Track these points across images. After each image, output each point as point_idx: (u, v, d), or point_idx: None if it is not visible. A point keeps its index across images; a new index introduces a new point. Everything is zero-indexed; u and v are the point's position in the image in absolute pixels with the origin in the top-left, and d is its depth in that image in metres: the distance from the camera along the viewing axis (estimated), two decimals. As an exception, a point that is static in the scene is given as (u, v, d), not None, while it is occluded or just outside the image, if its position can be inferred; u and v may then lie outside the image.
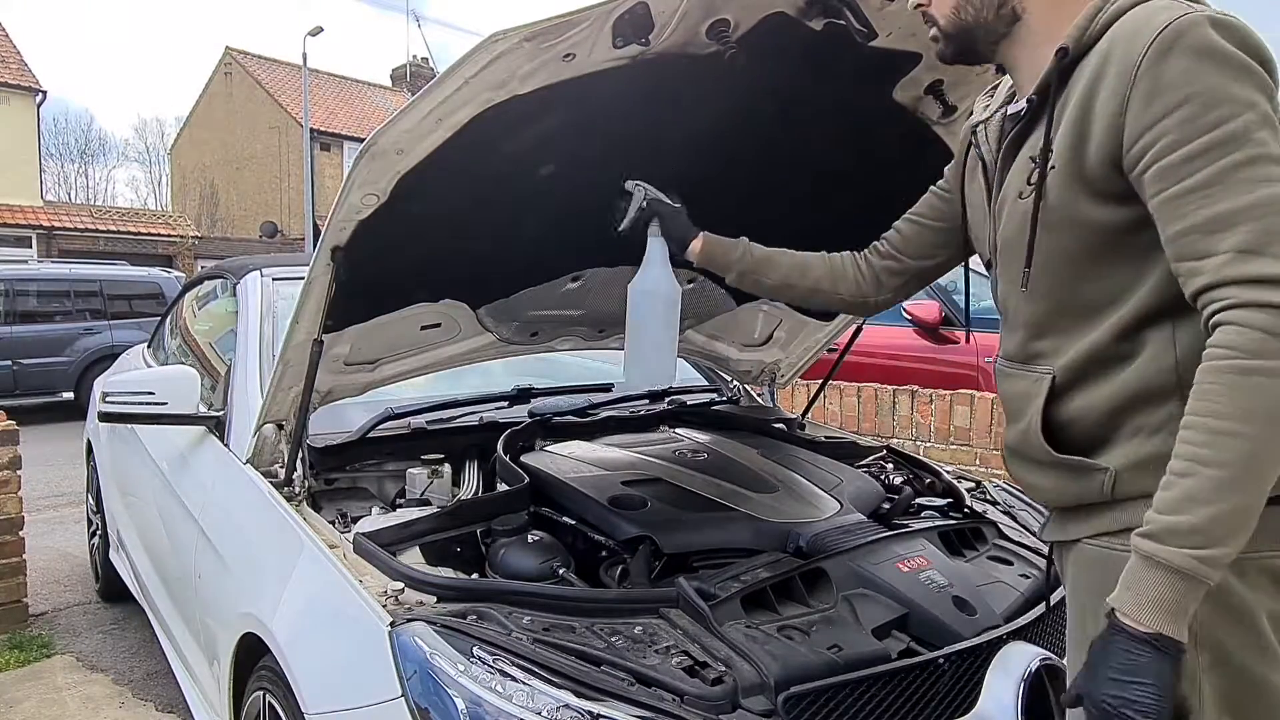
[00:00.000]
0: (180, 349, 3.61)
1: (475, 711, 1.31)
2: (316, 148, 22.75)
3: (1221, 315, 0.95)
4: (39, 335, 9.86)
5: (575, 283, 2.29)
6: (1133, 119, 1.01)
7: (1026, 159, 1.16)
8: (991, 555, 2.00)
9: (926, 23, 1.29)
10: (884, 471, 2.53)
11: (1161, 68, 0.99)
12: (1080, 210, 1.09)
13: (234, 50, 28.26)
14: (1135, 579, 0.98)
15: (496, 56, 1.41)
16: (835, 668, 1.46)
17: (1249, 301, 0.93)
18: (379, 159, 1.56)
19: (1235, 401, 0.93)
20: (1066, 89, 1.10)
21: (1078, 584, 1.21)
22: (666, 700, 1.35)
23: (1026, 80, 1.20)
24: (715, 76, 1.61)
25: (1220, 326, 0.95)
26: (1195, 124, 0.97)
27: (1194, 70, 0.98)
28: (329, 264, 1.74)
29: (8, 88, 19.29)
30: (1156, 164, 1.00)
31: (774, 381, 3.11)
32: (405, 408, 2.39)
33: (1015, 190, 1.17)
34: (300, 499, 1.98)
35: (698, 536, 1.90)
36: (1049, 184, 1.11)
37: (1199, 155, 0.97)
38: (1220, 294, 0.95)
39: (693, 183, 2.05)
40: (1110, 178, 1.06)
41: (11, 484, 3.57)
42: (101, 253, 18.33)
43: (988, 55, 1.25)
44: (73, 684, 3.15)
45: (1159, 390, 1.07)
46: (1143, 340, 1.08)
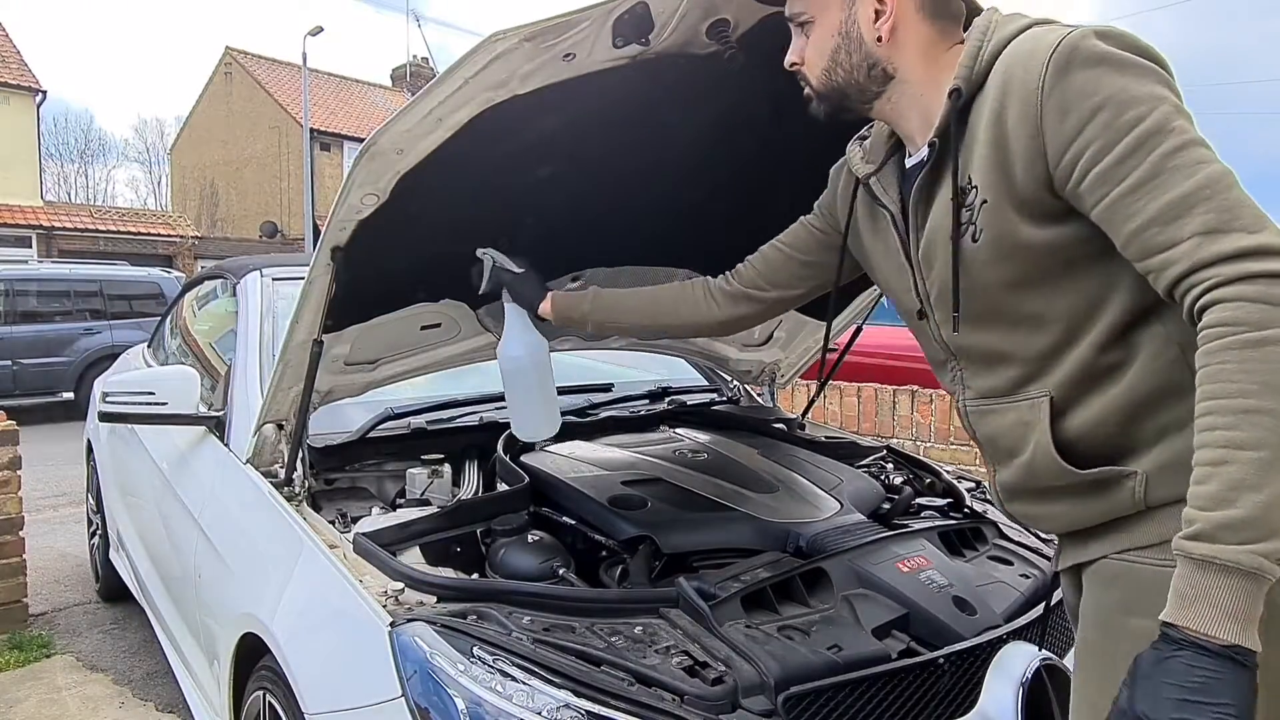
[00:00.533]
0: (180, 349, 3.62)
1: (475, 711, 1.31)
2: (316, 148, 22.75)
3: (1209, 297, 0.92)
4: (39, 335, 9.86)
5: (575, 283, 2.29)
6: (1052, 137, 1.01)
7: (947, 202, 1.13)
8: (991, 555, 2.00)
9: (801, 81, 1.29)
10: (884, 471, 2.53)
11: (1065, 83, 1.00)
12: (1023, 236, 1.07)
13: (234, 50, 28.26)
14: (1195, 588, 0.88)
15: (496, 56, 1.41)
16: (835, 668, 1.46)
17: (1234, 276, 0.90)
18: (379, 159, 1.56)
19: (1255, 376, 0.88)
20: (967, 127, 1.10)
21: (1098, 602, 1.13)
22: (666, 700, 1.35)
23: (916, 130, 1.21)
24: (715, 76, 1.62)
25: (1211, 308, 0.92)
26: (1116, 126, 0.98)
27: (1097, 78, 0.99)
28: (329, 264, 1.74)
29: (8, 88, 19.29)
30: (1090, 172, 0.99)
31: (774, 381, 3.11)
32: (405, 408, 2.39)
33: (952, 231, 1.13)
34: (300, 499, 1.98)
35: (698, 536, 1.90)
36: (985, 219, 1.09)
37: (1130, 154, 0.97)
38: (1200, 277, 0.93)
39: (692, 182, 2.05)
40: (1043, 199, 1.05)
41: (11, 484, 3.57)
42: (101, 253, 18.33)
43: (864, 112, 1.25)
44: (73, 684, 3.15)
45: (1175, 385, 1.03)
46: (1135, 343, 1.06)
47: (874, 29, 1.18)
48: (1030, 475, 1.15)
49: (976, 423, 1.24)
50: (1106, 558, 1.11)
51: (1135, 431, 1.07)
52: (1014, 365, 1.15)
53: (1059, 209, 1.05)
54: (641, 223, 2.15)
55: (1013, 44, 1.07)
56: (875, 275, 1.40)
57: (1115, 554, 1.10)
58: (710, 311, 1.65)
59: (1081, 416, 1.09)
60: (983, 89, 1.09)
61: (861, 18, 1.19)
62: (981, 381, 1.21)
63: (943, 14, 1.18)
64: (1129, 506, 1.08)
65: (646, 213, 2.10)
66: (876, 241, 1.35)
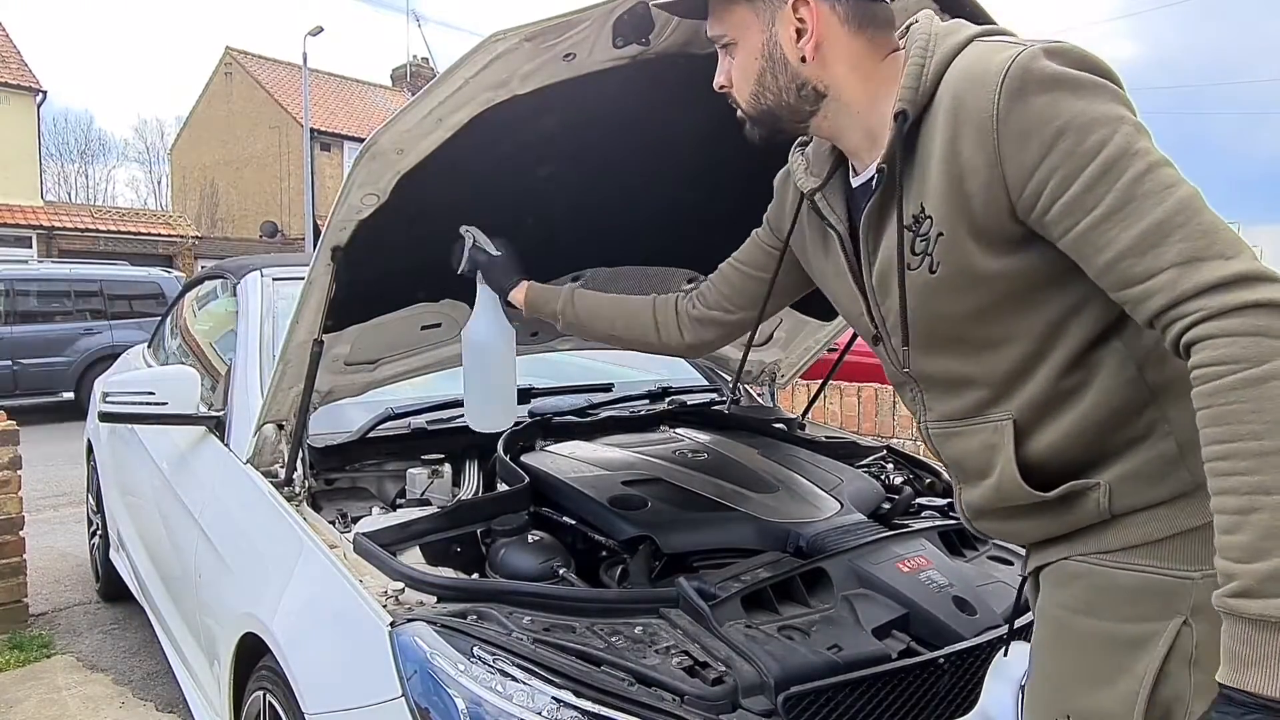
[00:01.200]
0: (180, 349, 3.62)
1: (475, 711, 1.31)
2: (316, 148, 22.75)
3: (1195, 331, 0.88)
4: (39, 335, 9.87)
5: (575, 283, 2.29)
6: (1013, 167, 0.97)
7: (899, 229, 1.09)
8: (991, 555, 2.00)
9: (731, 104, 1.24)
10: (884, 471, 2.53)
11: (1021, 108, 0.95)
12: (982, 267, 1.03)
13: (234, 50, 28.26)
14: (1253, 649, 0.84)
15: (496, 56, 1.41)
16: (835, 668, 1.46)
17: (1219, 310, 0.87)
18: (379, 159, 1.56)
19: (1265, 415, 0.84)
20: (916, 150, 1.05)
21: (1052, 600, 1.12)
22: (666, 700, 1.35)
23: (859, 146, 1.16)
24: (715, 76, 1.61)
25: (1199, 343, 0.88)
26: (1079, 153, 0.93)
27: (1054, 102, 0.94)
28: (329, 264, 1.74)
29: (8, 88, 19.29)
30: (1057, 202, 0.95)
31: (774, 381, 3.11)
32: (405, 408, 2.39)
33: (899, 262, 1.09)
34: (300, 499, 1.98)
35: (698, 536, 1.90)
36: (942, 251, 1.05)
37: (1097, 181, 0.92)
38: (1183, 310, 0.89)
39: (692, 182, 2.05)
40: (1004, 227, 1.01)
41: (11, 484, 3.57)
42: (101, 253, 18.33)
43: (801, 131, 1.21)
44: (73, 684, 3.15)
45: (1134, 401, 1.03)
46: (1096, 362, 1.04)
47: (797, 48, 1.12)
48: (999, 497, 1.13)
49: (940, 445, 1.22)
50: (1068, 559, 1.10)
51: (1098, 447, 1.05)
52: (976, 388, 1.12)
53: (1019, 234, 1.01)
54: (641, 223, 2.15)
55: (958, 61, 1.02)
56: (827, 294, 1.35)
57: (1077, 556, 1.09)
58: (678, 338, 1.62)
59: (1046, 438, 1.07)
60: (929, 109, 1.04)
61: (783, 38, 1.12)
62: (943, 405, 1.18)
63: (870, 24, 1.11)
64: (1094, 516, 1.07)
65: (647, 213, 2.10)
66: (826, 262, 1.30)
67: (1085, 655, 1.07)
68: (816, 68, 1.12)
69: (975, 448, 1.14)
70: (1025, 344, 1.06)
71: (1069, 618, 1.09)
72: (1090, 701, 1.06)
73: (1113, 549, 1.05)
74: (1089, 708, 1.06)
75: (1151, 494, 1.01)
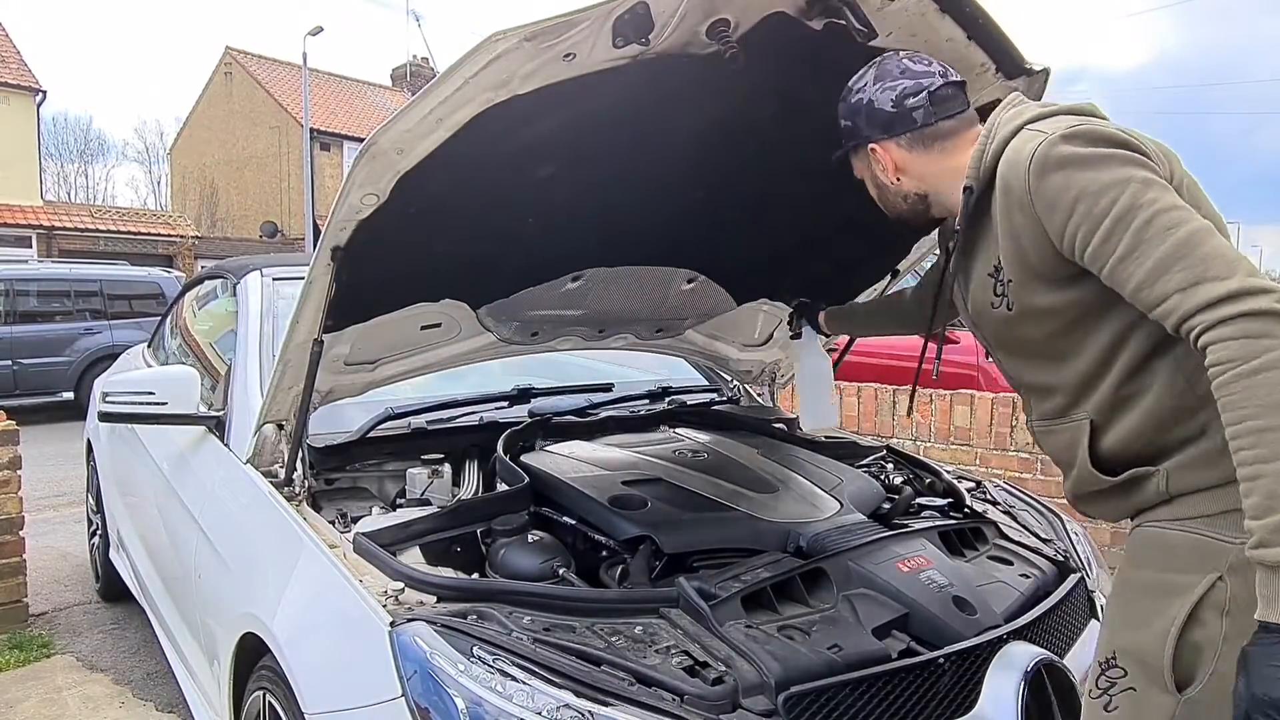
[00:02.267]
0: (180, 349, 3.61)
1: (475, 711, 1.31)
2: (316, 148, 22.75)
3: (1202, 340, 1.11)
4: (39, 335, 9.86)
5: (575, 283, 2.29)
6: (1051, 227, 1.25)
7: (984, 277, 1.41)
8: (991, 555, 2.00)
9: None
10: (884, 471, 2.54)
11: (1045, 186, 1.23)
12: (1044, 302, 1.32)
13: (234, 50, 28.25)
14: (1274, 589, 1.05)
15: (496, 56, 1.41)
16: (835, 668, 1.46)
17: (1214, 321, 1.10)
18: (379, 159, 1.56)
19: (1258, 400, 1.06)
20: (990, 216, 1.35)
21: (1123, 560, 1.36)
22: (666, 700, 1.35)
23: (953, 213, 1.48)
24: (715, 76, 1.61)
25: (1208, 349, 1.11)
26: (1094, 214, 1.19)
27: (1067, 178, 1.22)
28: (329, 264, 1.74)
29: (8, 88, 19.29)
30: (1086, 251, 1.22)
31: (774, 381, 3.11)
32: (405, 408, 2.39)
33: (986, 301, 1.42)
34: (300, 499, 1.98)
35: (698, 536, 1.90)
36: (1014, 293, 1.35)
37: (1111, 234, 1.18)
38: (1191, 324, 1.12)
39: (692, 182, 2.05)
40: (1057, 268, 1.28)
41: (11, 484, 3.57)
42: (101, 253, 18.33)
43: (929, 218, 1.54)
44: (73, 684, 3.15)
45: (1186, 407, 1.24)
46: (1150, 373, 1.27)
47: (888, 177, 1.50)
48: (1080, 482, 1.38)
49: (1041, 440, 1.46)
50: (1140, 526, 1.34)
51: (1158, 443, 1.28)
52: (1059, 394, 1.38)
53: (1071, 272, 1.28)
54: (641, 223, 2.15)
55: (1007, 150, 1.30)
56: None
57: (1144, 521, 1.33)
58: None
59: (1114, 435, 1.32)
60: (993, 183, 1.32)
61: (878, 172, 1.52)
62: (1039, 407, 1.44)
63: (933, 139, 1.45)
64: (1156, 497, 1.29)
65: (646, 213, 2.10)
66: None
67: (1132, 601, 1.30)
68: (907, 183, 1.50)
69: (1064, 443, 1.39)
70: (1090, 358, 1.31)
71: (1126, 571, 1.34)
72: (1132, 639, 1.28)
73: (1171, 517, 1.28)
74: (1130, 644, 1.28)
75: (1205, 478, 1.23)
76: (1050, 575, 1.96)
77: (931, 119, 1.44)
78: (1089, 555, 2.21)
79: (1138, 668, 1.26)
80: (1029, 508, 2.43)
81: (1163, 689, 1.23)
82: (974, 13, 1.74)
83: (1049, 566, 2.00)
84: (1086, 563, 2.15)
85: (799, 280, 2.68)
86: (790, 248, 2.49)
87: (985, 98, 1.94)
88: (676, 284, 2.51)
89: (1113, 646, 1.31)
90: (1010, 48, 1.83)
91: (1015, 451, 4.04)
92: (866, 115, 1.49)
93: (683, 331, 2.78)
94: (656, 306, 2.56)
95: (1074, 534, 2.30)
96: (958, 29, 1.75)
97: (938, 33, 1.75)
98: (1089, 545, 2.28)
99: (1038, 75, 1.94)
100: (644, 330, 2.67)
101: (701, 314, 2.71)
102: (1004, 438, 4.08)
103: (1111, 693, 1.29)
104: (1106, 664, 1.31)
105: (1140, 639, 1.26)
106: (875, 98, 1.48)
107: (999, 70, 1.88)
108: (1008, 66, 1.88)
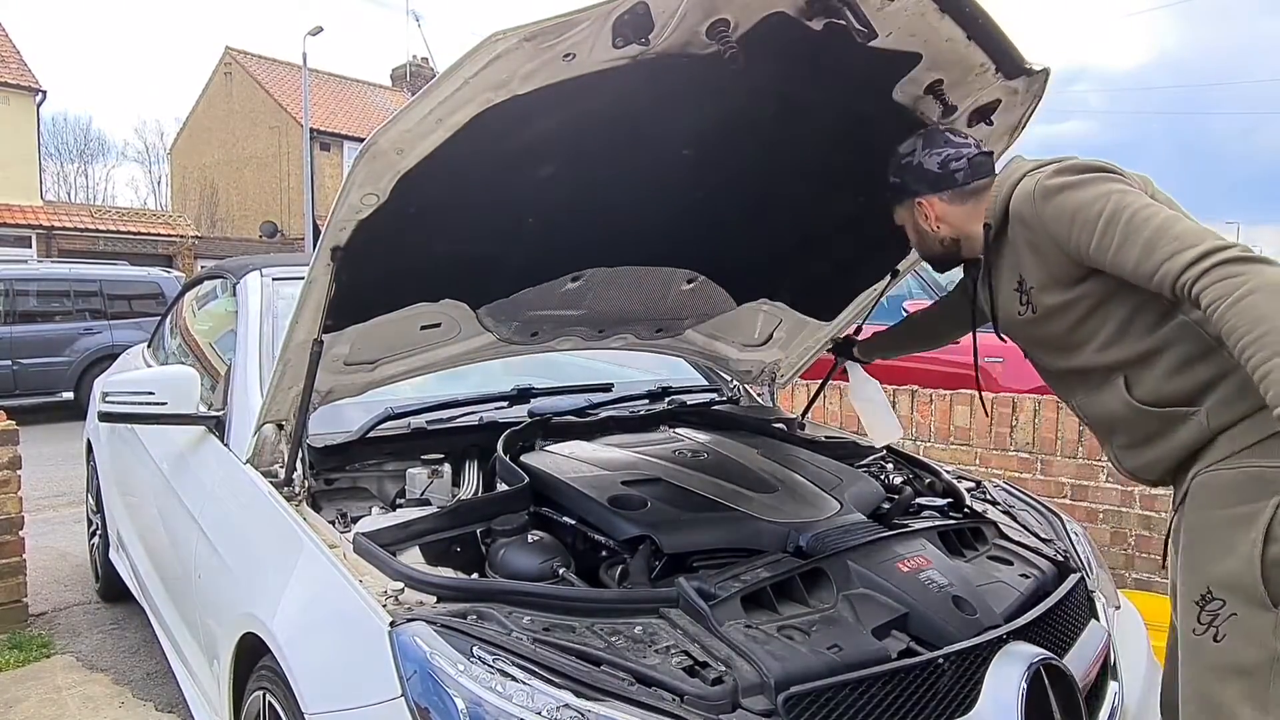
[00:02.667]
0: (180, 349, 3.61)
1: (475, 711, 1.31)
2: (316, 148, 22.74)
3: (1194, 290, 1.42)
4: (39, 335, 9.86)
5: (575, 283, 2.29)
6: (1058, 239, 1.60)
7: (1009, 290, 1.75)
8: (991, 555, 2.00)
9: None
10: (884, 471, 2.54)
11: (1047, 208, 1.60)
12: (1060, 299, 1.66)
13: (234, 50, 28.24)
14: None
15: (496, 56, 1.41)
16: (835, 668, 1.46)
17: (1197, 275, 1.41)
18: (379, 159, 1.56)
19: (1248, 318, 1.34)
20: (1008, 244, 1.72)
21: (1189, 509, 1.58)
22: (666, 700, 1.35)
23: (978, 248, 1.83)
24: (715, 76, 1.61)
25: (1199, 296, 1.41)
26: (1090, 223, 1.54)
27: (1064, 201, 1.58)
28: (329, 264, 1.74)
29: (8, 88, 19.27)
30: (1088, 250, 1.56)
31: (774, 381, 3.11)
32: (405, 408, 2.39)
33: (1014, 310, 1.76)
34: (300, 499, 1.98)
35: (698, 536, 1.90)
36: (1035, 298, 1.69)
37: (1105, 232, 1.52)
38: (1181, 280, 1.43)
39: (692, 182, 2.05)
40: (1069, 271, 1.63)
41: (11, 484, 3.57)
42: (101, 253, 18.32)
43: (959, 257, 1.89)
44: (73, 684, 3.15)
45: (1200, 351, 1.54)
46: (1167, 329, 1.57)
47: (930, 224, 1.84)
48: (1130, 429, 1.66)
49: (1086, 411, 1.77)
50: (1196, 476, 1.58)
51: (1190, 385, 1.56)
52: (1095, 372, 1.68)
53: (1080, 273, 1.62)
54: (641, 223, 2.15)
55: (1016, 190, 1.67)
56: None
57: (1202, 470, 1.57)
58: None
59: (1149, 382, 1.61)
60: (1008, 220, 1.70)
61: (920, 220, 1.85)
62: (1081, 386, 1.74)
63: (970, 195, 1.79)
64: (1200, 434, 1.56)
65: (646, 213, 2.10)
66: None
67: (1211, 540, 1.52)
68: (945, 229, 1.84)
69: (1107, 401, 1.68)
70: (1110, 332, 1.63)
71: (1198, 514, 1.56)
72: (1221, 569, 1.49)
73: (1221, 457, 1.53)
74: (1221, 573, 1.49)
75: (1239, 409, 1.50)
76: (1050, 575, 1.96)
77: (969, 180, 1.78)
78: (1089, 555, 2.21)
79: (1234, 594, 1.47)
80: (1029, 508, 2.43)
81: (1262, 606, 1.44)
82: (974, 13, 1.74)
83: (1049, 566, 2.00)
84: (1086, 563, 2.15)
85: (799, 280, 2.69)
86: (790, 248, 2.49)
87: (985, 97, 1.95)
88: (676, 284, 2.51)
89: (1205, 583, 1.51)
90: (1010, 48, 1.83)
91: (1015, 451, 4.04)
92: (915, 174, 1.81)
93: (682, 331, 2.78)
94: (656, 306, 2.56)
95: (1074, 534, 2.30)
96: (957, 29, 1.75)
97: (937, 33, 1.75)
98: (1089, 545, 2.28)
99: (1038, 75, 1.94)
100: (644, 330, 2.67)
101: (701, 314, 2.71)
102: (1004, 438, 4.08)
103: (1216, 624, 1.49)
104: (1203, 600, 1.51)
105: (1230, 568, 1.47)
106: (924, 161, 1.80)
107: (999, 70, 1.88)
108: (1007, 66, 1.88)
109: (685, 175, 1.99)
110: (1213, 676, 1.50)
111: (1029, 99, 2.00)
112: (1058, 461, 3.91)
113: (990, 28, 1.77)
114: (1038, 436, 3.96)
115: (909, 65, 1.82)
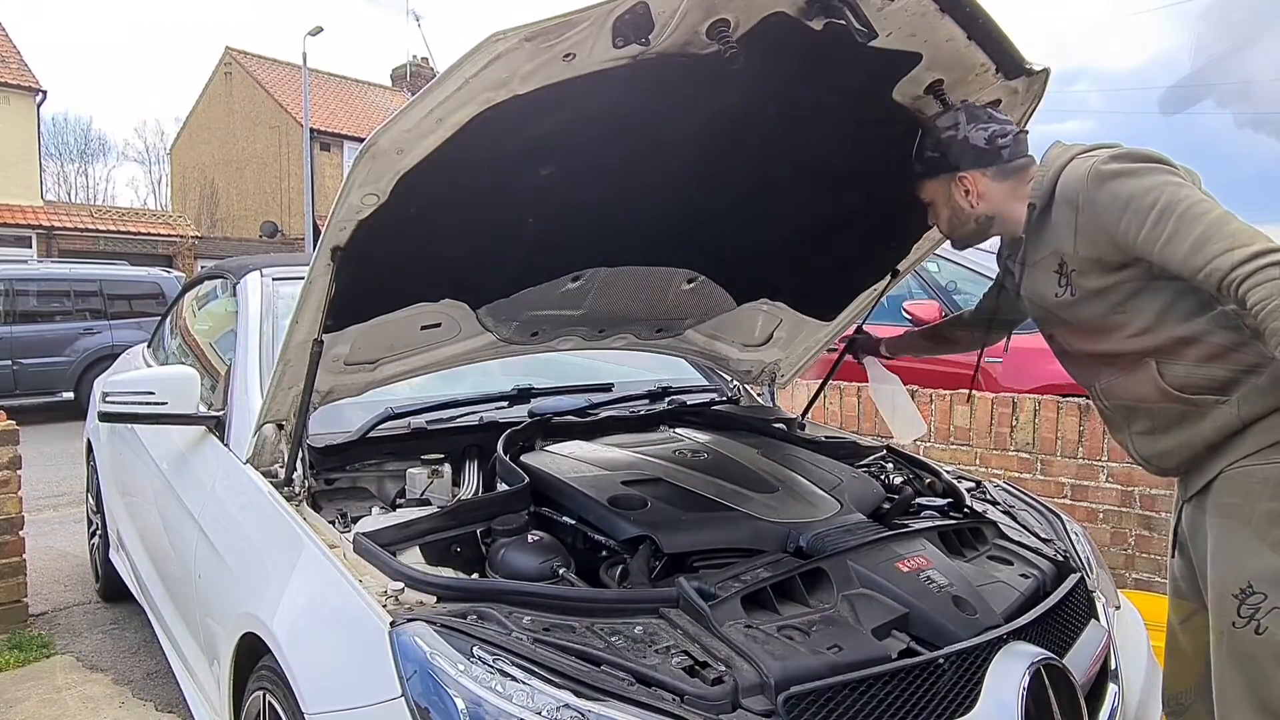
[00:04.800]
0: (180, 349, 3.61)
1: (475, 711, 1.31)
2: (316, 148, 22.74)
3: (1242, 289, 1.45)
4: (39, 335, 9.86)
5: (575, 283, 2.29)
6: (1108, 225, 1.61)
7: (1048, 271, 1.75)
8: (991, 555, 2.00)
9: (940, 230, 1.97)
10: (884, 471, 2.53)
11: (1099, 193, 1.61)
12: (1101, 283, 1.68)
13: (234, 50, 28.24)
14: None
15: (496, 56, 1.41)
16: (835, 668, 1.46)
17: (1245, 275, 1.44)
18: (379, 159, 1.56)
19: None
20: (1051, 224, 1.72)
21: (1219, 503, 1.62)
22: (666, 700, 1.35)
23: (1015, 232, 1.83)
24: (715, 76, 1.61)
25: (1247, 295, 1.44)
26: (1142, 212, 1.55)
27: (1118, 188, 1.59)
28: (329, 264, 1.74)
29: (8, 88, 19.27)
30: (1138, 239, 1.57)
31: (774, 381, 3.11)
32: (405, 408, 2.39)
33: (1050, 292, 1.76)
34: (300, 499, 1.98)
35: (698, 536, 1.90)
36: (1077, 281, 1.70)
37: (1155, 225, 1.54)
38: (1230, 278, 1.46)
39: (693, 182, 2.05)
40: (1111, 257, 1.65)
41: (11, 484, 3.57)
42: (101, 253, 18.32)
43: (986, 237, 1.89)
44: (73, 684, 3.15)
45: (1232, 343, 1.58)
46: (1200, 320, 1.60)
47: (967, 201, 1.82)
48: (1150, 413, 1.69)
49: (1110, 395, 1.78)
50: (1224, 470, 1.62)
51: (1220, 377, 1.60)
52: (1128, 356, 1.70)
53: (1120, 260, 1.64)
54: (641, 223, 2.15)
55: (1064, 173, 1.67)
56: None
57: (1230, 466, 1.61)
58: None
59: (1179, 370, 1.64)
60: (1053, 200, 1.69)
61: (957, 196, 1.83)
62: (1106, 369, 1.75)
63: (1012, 173, 1.78)
64: (1231, 422, 1.60)
65: (646, 213, 2.10)
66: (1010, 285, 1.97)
67: (1252, 532, 1.55)
68: (982, 206, 1.82)
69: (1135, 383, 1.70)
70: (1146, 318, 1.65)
71: (1235, 509, 1.59)
72: (1261, 563, 1.54)
73: (1251, 451, 1.58)
74: (1261, 568, 1.54)
75: (1273, 400, 1.56)
76: (1050, 575, 1.96)
77: (1014, 157, 1.78)
78: (1089, 555, 2.21)
79: (1277, 588, 1.52)
80: (1029, 508, 2.43)
81: None
82: (974, 13, 1.74)
83: (1049, 566, 2.00)
84: (1086, 563, 2.15)
85: (799, 280, 2.69)
86: (790, 247, 2.49)
87: (986, 97, 1.95)
88: (676, 284, 2.51)
89: (1245, 577, 1.55)
90: (1010, 48, 1.84)
91: (1015, 451, 4.04)
92: (959, 149, 1.78)
93: (683, 331, 2.78)
94: (656, 306, 2.56)
95: (1074, 534, 2.30)
96: (958, 29, 1.75)
97: (938, 33, 1.75)
98: (1089, 545, 2.28)
99: (1038, 75, 1.94)
100: (644, 330, 2.67)
101: (701, 314, 2.71)
102: (1004, 438, 4.08)
103: (1258, 617, 1.54)
104: (1243, 594, 1.55)
105: (1271, 563, 1.53)
106: (970, 135, 1.78)
107: (999, 70, 1.88)
108: (1008, 66, 1.88)
109: (685, 175, 1.98)
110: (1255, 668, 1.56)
111: (1029, 99, 2.00)
112: (1058, 461, 3.91)
113: (990, 28, 1.77)
114: (1038, 436, 3.96)
115: (909, 65, 1.82)
